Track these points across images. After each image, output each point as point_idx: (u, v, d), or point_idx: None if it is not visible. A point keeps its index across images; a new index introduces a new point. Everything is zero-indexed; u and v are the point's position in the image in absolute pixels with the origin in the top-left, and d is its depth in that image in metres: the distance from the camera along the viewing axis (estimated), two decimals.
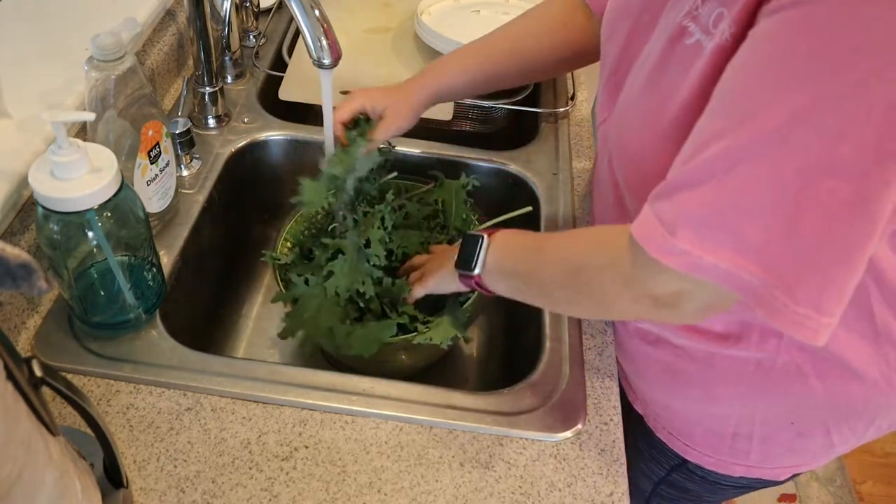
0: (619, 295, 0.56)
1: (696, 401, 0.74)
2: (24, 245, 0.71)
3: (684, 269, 0.48)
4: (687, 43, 0.54)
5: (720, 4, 0.51)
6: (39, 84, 0.81)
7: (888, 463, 1.81)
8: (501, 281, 0.68)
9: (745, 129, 0.45)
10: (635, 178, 0.64)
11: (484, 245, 0.68)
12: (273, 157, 1.00)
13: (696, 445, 0.78)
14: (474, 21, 1.17)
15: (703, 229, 0.47)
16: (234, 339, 0.96)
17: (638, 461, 0.88)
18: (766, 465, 0.77)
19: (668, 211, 0.49)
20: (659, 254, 0.49)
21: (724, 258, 0.47)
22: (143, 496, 0.61)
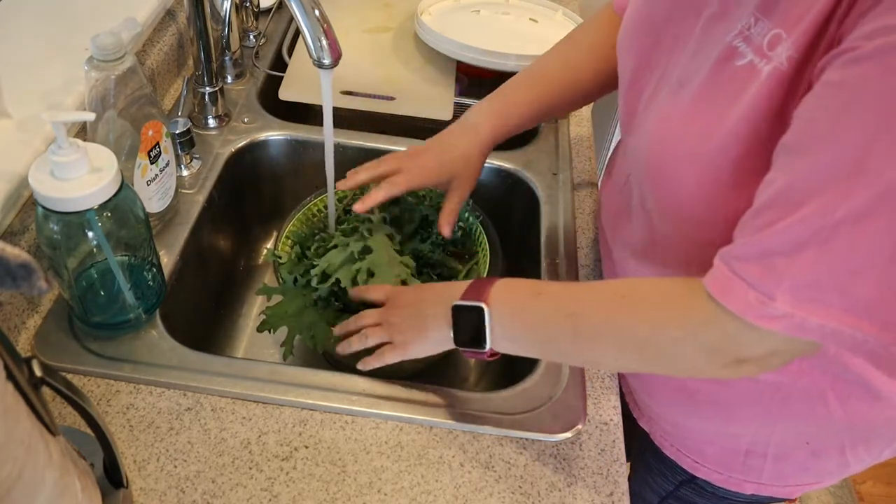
0: (703, 364, 0.54)
1: (710, 420, 0.73)
2: (24, 245, 0.71)
3: (789, 333, 0.47)
4: (738, 64, 0.51)
5: (777, 25, 0.49)
6: (39, 84, 0.81)
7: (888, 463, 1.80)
8: (519, 347, 0.63)
9: (850, 187, 0.43)
10: (671, 202, 0.61)
11: (487, 318, 0.61)
12: (273, 157, 1.00)
13: (706, 463, 0.77)
14: (474, 21, 1.17)
15: (806, 291, 0.45)
16: (234, 339, 0.96)
17: (645, 475, 0.88)
18: (779, 482, 0.76)
19: (763, 275, 0.47)
20: (759, 320, 0.47)
21: (831, 318, 0.45)
22: (143, 496, 0.61)
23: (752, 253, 0.48)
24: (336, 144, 0.94)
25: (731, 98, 0.52)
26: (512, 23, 1.18)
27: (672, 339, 0.54)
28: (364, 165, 0.79)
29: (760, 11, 0.51)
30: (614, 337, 0.57)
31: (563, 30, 1.17)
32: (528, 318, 0.61)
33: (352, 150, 0.99)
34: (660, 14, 0.63)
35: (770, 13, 0.50)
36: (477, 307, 0.61)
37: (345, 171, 0.93)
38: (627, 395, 0.84)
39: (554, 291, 0.62)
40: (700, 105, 0.55)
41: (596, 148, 1.06)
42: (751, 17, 0.51)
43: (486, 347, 0.62)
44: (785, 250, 0.46)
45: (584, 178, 0.98)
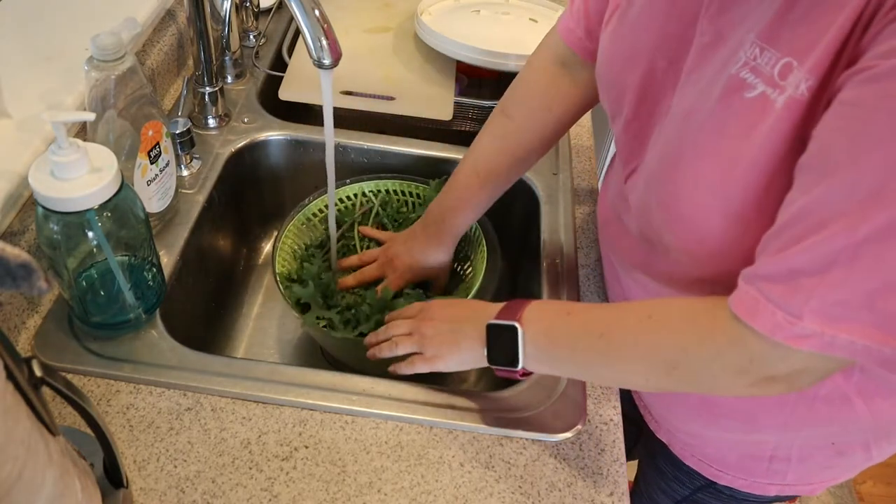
0: (730, 384, 0.54)
1: (733, 430, 0.72)
2: (24, 245, 0.71)
3: (819, 350, 0.47)
4: (748, 96, 0.51)
5: (786, 54, 0.48)
6: (39, 84, 0.81)
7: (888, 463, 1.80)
8: (552, 367, 0.65)
9: (873, 206, 0.43)
10: (690, 239, 0.59)
11: (520, 337, 0.62)
12: (273, 157, 1.00)
13: (729, 470, 0.77)
14: (474, 21, 1.17)
15: (834, 309, 0.46)
16: (234, 339, 0.96)
17: (658, 480, 0.87)
18: (803, 482, 0.76)
19: (789, 295, 0.47)
20: (788, 340, 0.47)
21: (860, 335, 0.45)
22: (143, 496, 0.61)
23: (777, 272, 0.48)
24: (336, 144, 0.95)
25: (746, 130, 0.51)
26: (512, 23, 1.18)
27: (699, 360, 0.54)
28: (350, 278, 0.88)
29: (764, 41, 0.50)
30: (643, 358, 0.57)
31: None
32: (559, 337, 0.62)
33: (352, 150, 0.99)
34: (645, 45, 0.61)
35: (776, 42, 0.49)
36: (510, 326, 0.62)
37: (345, 171, 0.94)
38: (643, 409, 0.83)
39: (584, 311, 0.63)
40: (713, 139, 0.54)
41: (596, 148, 1.06)
42: (754, 47, 0.50)
43: (520, 366, 0.63)
44: (810, 269, 0.46)
45: (584, 178, 0.98)
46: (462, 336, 0.67)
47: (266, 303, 1.01)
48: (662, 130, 0.61)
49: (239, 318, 0.98)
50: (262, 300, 1.01)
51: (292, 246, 0.89)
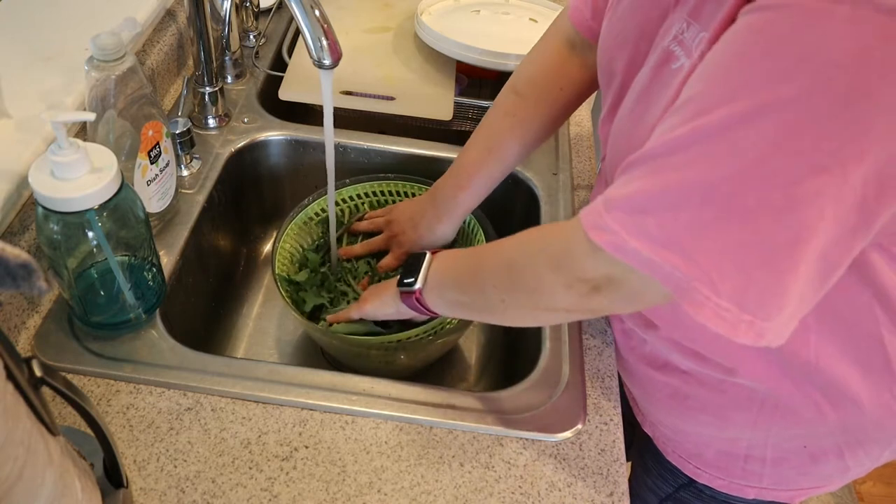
0: (550, 281, 0.56)
1: (707, 425, 0.73)
2: (24, 245, 0.71)
3: (609, 249, 0.49)
4: (673, 67, 0.53)
5: (703, 28, 0.50)
6: (39, 84, 0.81)
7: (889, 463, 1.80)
8: (442, 295, 0.68)
9: (688, 124, 0.45)
10: None
11: (426, 260, 0.69)
12: (273, 157, 1.00)
13: (707, 468, 0.77)
14: (474, 21, 1.17)
15: (634, 214, 0.47)
16: (234, 339, 0.96)
17: (645, 477, 0.88)
18: (780, 487, 0.76)
19: (614, 191, 0.50)
20: (590, 228, 0.50)
21: (646, 246, 0.47)
22: (143, 496, 0.61)
23: (619, 172, 0.51)
24: (336, 144, 0.95)
25: (669, 100, 0.53)
26: (512, 23, 1.18)
27: (529, 255, 0.58)
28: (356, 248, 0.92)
29: (691, 16, 0.52)
30: (495, 266, 0.62)
31: None
32: (455, 261, 0.69)
33: (352, 150, 0.99)
34: (632, 31, 0.63)
35: (698, 17, 0.51)
36: (422, 253, 0.70)
37: (345, 171, 0.94)
38: (631, 401, 0.84)
39: (489, 244, 0.68)
40: (642, 108, 0.57)
41: (596, 148, 1.06)
42: (683, 21, 0.53)
43: (416, 286, 0.69)
44: (630, 171, 0.49)
45: (584, 178, 0.98)
46: (390, 283, 0.74)
47: (266, 303, 1.01)
48: (621, 108, 0.63)
49: (239, 318, 0.98)
50: (262, 300, 1.01)
51: (292, 247, 0.89)
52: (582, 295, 0.54)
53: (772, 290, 0.45)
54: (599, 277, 0.52)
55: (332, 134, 0.77)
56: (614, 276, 0.52)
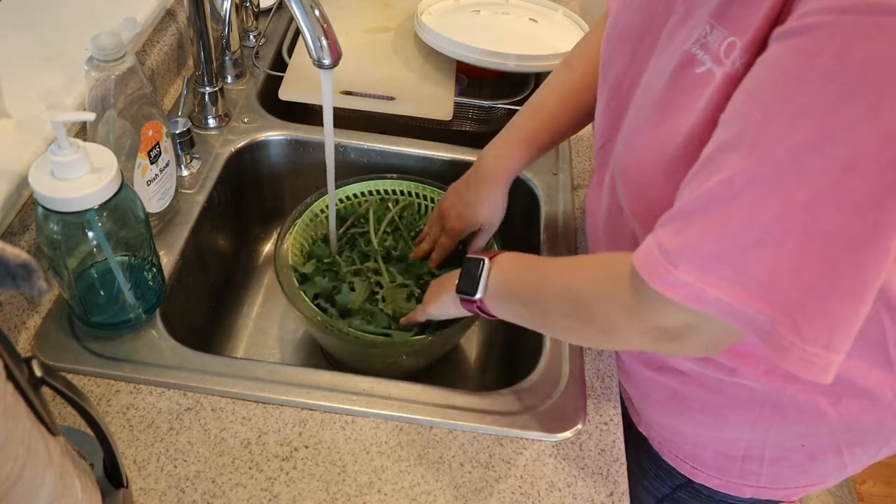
0: (623, 326, 0.55)
1: (705, 426, 0.73)
2: (24, 245, 0.71)
3: (686, 302, 0.47)
4: (697, 72, 0.52)
5: (731, 33, 0.49)
6: (39, 84, 0.81)
7: (888, 463, 1.81)
8: (503, 306, 0.67)
9: (750, 158, 0.44)
10: (640, 206, 0.62)
11: (485, 268, 0.67)
12: (273, 157, 1.00)
13: (704, 468, 0.77)
14: (474, 21, 1.17)
15: (706, 261, 0.46)
16: (234, 339, 0.96)
17: (641, 478, 0.88)
18: (777, 485, 0.76)
19: (671, 241, 0.47)
20: (660, 286, 0.48)
21: (727, 292, 0.45)
22: (143, 496, 0.61)
23: (668, 219, 0.49)
24: (336, 144, 0.95)
25: (691, 104, 0.52)
26: (512, 23, 1.18)
27: (597, 296, 0.56)
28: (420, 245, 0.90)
29: (715, 19, 0.51)
30: (560, 293, 0.60)
31: (562, 30, 1.17)
32: (512, 273, 0.67)
33: (352, 150, 0.99)
34: (637, 22, 0.63)
35: (724, 20, 0.50)
36: (480, 259, 0.68)
37: (345, 171, 0.94)
38: (627, 401, 0.84)
39: (547, 260, 0.67)
40: (663, 111, 0.56)
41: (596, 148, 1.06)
42: (706, 24, 0.52)
43: (477, 296, 0.67)
44: (691, 215, 0.47)
45: (584, 178, 0.98)
46: (448, 282, 0.72)
47: (266, 303, 1.01)
48: (633, 105, 0.63)
49: (239, 318, 0.98)
50: (262, 300, 1.01)
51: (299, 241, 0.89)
52: (657, 340, 0.53)
53: (857, 323, 0.45)
54: (676, 327, 0.51)
55: (332, 134, 0.77)
56: (691, 324, 0.50)
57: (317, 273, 0.84)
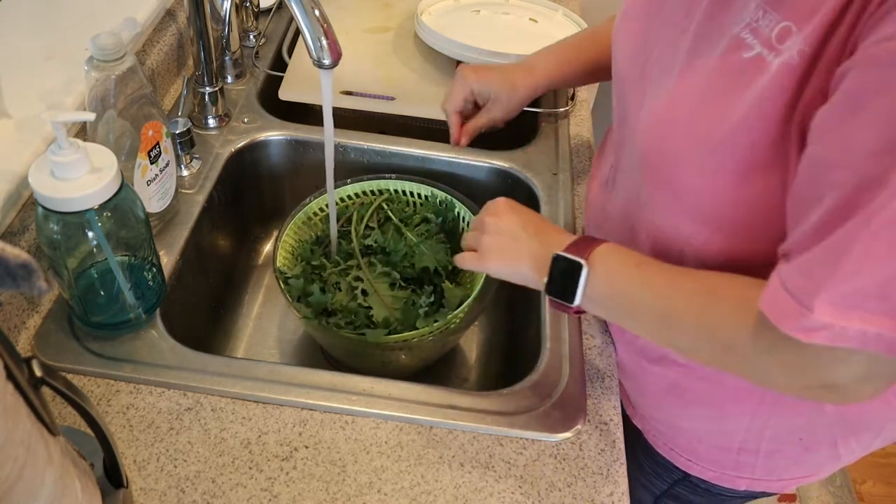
0: (785, 382, 0.53)
1: (703, 419, 0.73)
2: (24, 245, 0.71)
3: (828, 342, 0.46)
4: (745, 56, 0.51)
5: (786, 17, 0.48)
6: (39, 84, 0.81)
7: (888, 463, 1.81)
8: (605, 313, 0.63)
9: (882, 195, 0.42)
10: (664, 195, 0.61)
11: (583, 275, 0.60)
12: (273, 157, 1.00)
13: (699, 461, 0.78)
14: (474, 21, 1.17)
15: (847, 299, 0.45)
16: (234, 339, 0.96)
17: (639, 475, 0.88)
18: (771, 477, 0.76)
19: (800, 284, 0.46)
20: (796, 331, 0.46)
21: (873, 323, 0.44)
22: (143, 496, 0.61)
23: (793, 260, 0.47)
24: (336, 144, 0.95)
25: (740, 89, 0.52)
26: (512, 23, 1.18)
27: (753, 350, 0.52)
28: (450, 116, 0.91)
29: (768, 4, 0.50)
30: (700, 333, 0.56)
31: (563, 30, 1.17)
32: (621, 288, 0.61)
33: (352, 150, 0.99)
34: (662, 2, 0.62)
35: (778, 6, 0.50)
36: (577, 262, 0.61)
37: (345, 171, 0.94)
38: (622, 395, 0.83)
39: (651, 268, 0.60)
40: (708, 94, 0.55)
41: (596, 148, 1.06)
42: (758, 9, 0.51)
43: (575, 304, 0.61)
44: (824, 260, 0.45)
45: (584, 178, 0.98)
46: (524, 252, 0.65)
47: (266, 303, 1.01)
48: (661, 85, 0.60)
49: (239, 318, 0.98)
50: (262, 300, 1.01)
51: (292, 244, 0.89)
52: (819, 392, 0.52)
53: None
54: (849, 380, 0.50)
55: (332, 134, 0.77)
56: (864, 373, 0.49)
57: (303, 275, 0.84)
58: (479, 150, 0.99)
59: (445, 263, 0.88)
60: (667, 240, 0.64)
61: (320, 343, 0.91)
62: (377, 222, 0.93)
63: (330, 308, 0.82)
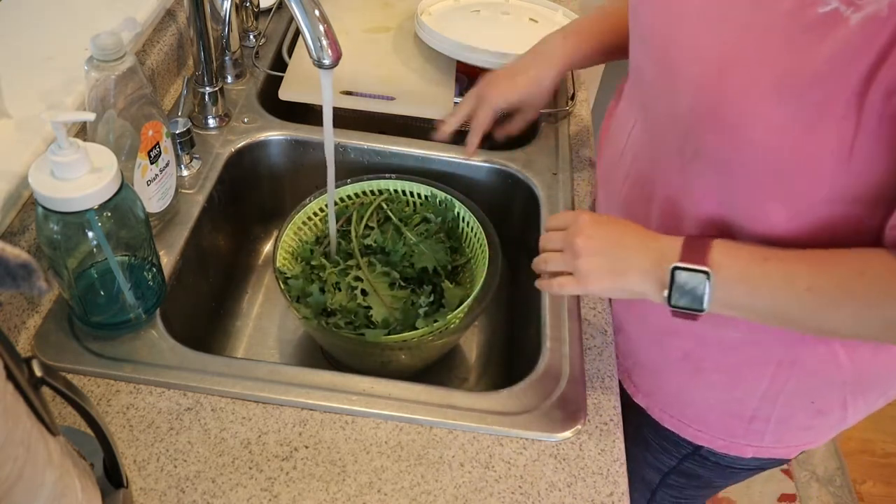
0: None
1: (716, 387, 0.72)
2: (24, 245, 0.71)
3: None
4: (820, 11, 0.50)
5: None
6: (39, 84, 0.81)
7: (888, 463, 1.81)
8: (744, 313, 0.61)
9: None
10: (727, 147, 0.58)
11: (711, 284, 0.58)
12: (273, 157, 1.00)
13: (709, 430, 0.77)
14: (474, 21, 1.17)
15: None
16: (234, 339, 0.96)
17: (645, 453, 0.87)
18: (780, 444, 0.76)
19: None
20: None
21: None
22: (143, 496, 0.61)
23: None
24: (336, 144, 0.95)
25: (813, 44, 0.50)
26: (512, 23, 1.18)
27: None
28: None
29: None
30: (857, 314, 0.55)
31: None
32: (758, 287, 0.58)
33: (352, 150, 0.99)
34: None
35: None
36: (702, 271, 0.58)
37: (345, 171, 0.94)
38: (622, 374, 0.82)
39: (782, 259, 0.58)
40: (774, 49, 0.53)
41: (596, 148, 1.06)
42: None
43: (705, 311, 0.59)
44: None
45: (584, 177, 0.98)
46: (629, 267, 0.62)
47: (266, 303, 1.01)
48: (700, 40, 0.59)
49: (239, 318, 0.98)
50: (262, 300, 1.01)
51: (292, 244, 0.89)
52: None
53: None
54: None
55: (331, 134, 0.77)
56: None
57: (302, 275, 0.84)
58: (479, 150, 0.99)
59: (445, 263, 0.88)
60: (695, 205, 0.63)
61: (320, 343, 0.91)
62: (377, 222, 0.93)
63: (329, 308, 0.82)
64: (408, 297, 0.84)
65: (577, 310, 0.79)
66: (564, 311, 0.79)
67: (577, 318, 0.79)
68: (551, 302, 0.80)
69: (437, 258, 0.87)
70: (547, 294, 0.81)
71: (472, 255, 0.91)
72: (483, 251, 0.86)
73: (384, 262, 0.87)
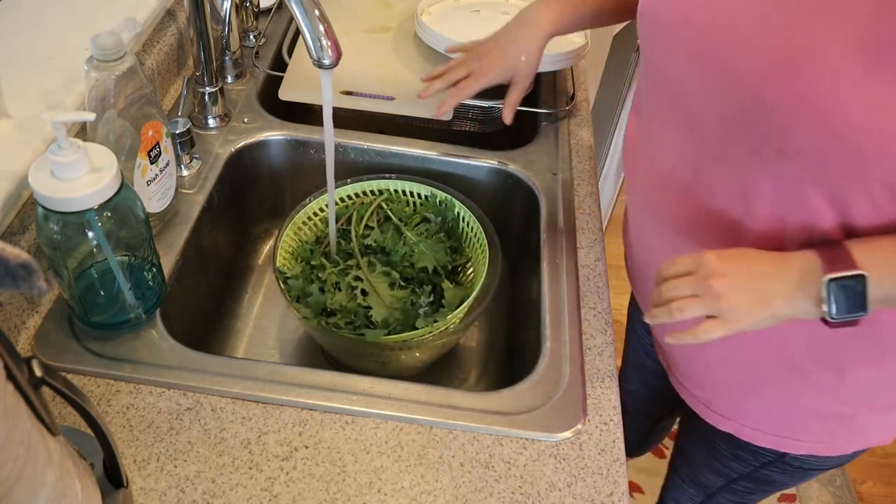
0: None
1: (821, 393, 0.71)
2: (24, 245, 0.71)
3: None
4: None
5: None
6: (39, 84, 0.81)
7: (888, 463, 1.81)
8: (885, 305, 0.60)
9: None
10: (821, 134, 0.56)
11: (870, 284, 0.57)
12: (273, 157, 1.00)
13: (811, 438, 0.75)
14: (474, 21, 1.17)
15: None
16: (234, 339, 0.96)
17: (709, 458, 0.86)
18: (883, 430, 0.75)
19: None
20: None
21: None
22: (143, 496, 0.61)
23: None
24: (336, 144, 0.95)
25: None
26: None
27: None
28: (436, 74, 0.90)
29: None
30: None
31: None
32: None
33: (352, 150, 0.99)
34: None
35: None
36: (857, 276, 0.57)
37: (345, 171, 0.94)
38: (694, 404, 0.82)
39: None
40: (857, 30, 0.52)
41: (596, 148, 1.06)
42: None
43: (867, 314, 0.58)
44: None
45: (584, 178, 0.98)
46: (773, 294, 0.60)
47: (266, 303, 1.01)
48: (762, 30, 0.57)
49: (239, 318, 0.98)
50: (262, 300, 1.01)
51: (292, 244, 0.89)
52: None
53: None
54: None
55: (331, 134, 0.77)
56: None
57: (302, 275, 0.84)
58: (479, 150, 0.99)
59: (445, 263, 0.88)
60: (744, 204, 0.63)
61: (320, 343, 0.91)
62: (377, 222, 0.93)
63: (329, 308, 0.82)
64: (408, 297, 0.84)
65: (577, 310, 0.79)
66: (564, 311, 0.79)
67: (578, 319, 0.79)
68: (551, 302, 0.80)
69: (437, 258, 0.87)
70: (547, 294, 0.81)
71: (472, 255, 0.91)
72: (483, 251, 0.86)
73: (384, 262, 0.87)
